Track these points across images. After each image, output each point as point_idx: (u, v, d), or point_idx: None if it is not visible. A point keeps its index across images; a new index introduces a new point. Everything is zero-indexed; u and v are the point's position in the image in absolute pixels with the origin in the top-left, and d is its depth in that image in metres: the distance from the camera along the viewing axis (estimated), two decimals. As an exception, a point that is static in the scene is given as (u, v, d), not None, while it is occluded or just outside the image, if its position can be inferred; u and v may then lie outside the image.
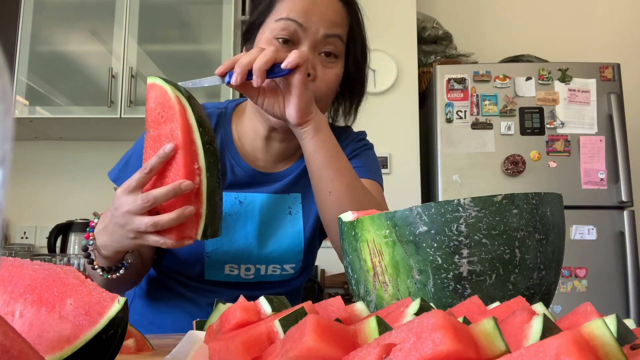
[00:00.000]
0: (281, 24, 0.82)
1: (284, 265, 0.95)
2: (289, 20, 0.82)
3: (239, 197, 0.93)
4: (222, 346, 0.37)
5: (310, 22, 0.82)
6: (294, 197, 0.96)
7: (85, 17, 2.63)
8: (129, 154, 0.95)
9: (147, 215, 0.68)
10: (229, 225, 0.91)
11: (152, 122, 0.71)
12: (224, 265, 0.92)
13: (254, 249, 0.92)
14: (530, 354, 0.25)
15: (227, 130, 0.96)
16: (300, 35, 0.83)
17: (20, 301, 0.39)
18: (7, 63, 0.21)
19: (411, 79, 2.76)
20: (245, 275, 0.93)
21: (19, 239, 2.87)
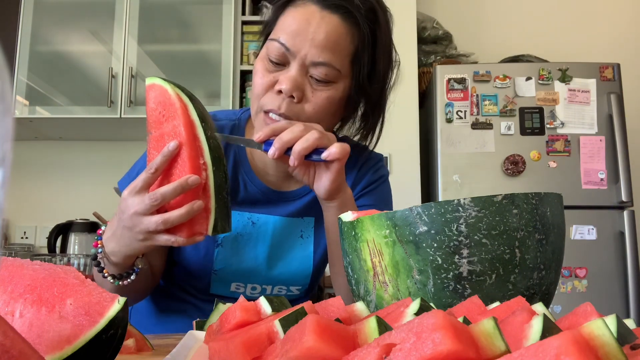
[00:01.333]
0: (274, 45, 0.81)
1: (290, 287, 0.95)
2: (278, 43, 0.80)
3: (252, 217, 0.91)
4: (222, 346, 0.37)
5: (297, 46, 0.79)
6: (307, 221, 0.95)
7: (85, 17, 2.63)
8: (140, 163, 0.93)
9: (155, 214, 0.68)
10: (239, 245, 0.90)
11: (153, 123, 0.71)
12: (231, 283, 0.92)
13: (262, 270, 0.92)
14: (530, 354, 0.25)
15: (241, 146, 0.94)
16: (288, 58, 0.81)
17: (20, 301, 0.39)
18: (7, 63, 0.21)
19: (411, 79, 2.76)
20: (251, 293, 0.93)
21: (19, 239, 2.87)
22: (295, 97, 0.80)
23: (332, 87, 0.83)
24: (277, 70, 0.82)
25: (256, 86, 0.83)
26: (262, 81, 0.82)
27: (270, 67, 0.82)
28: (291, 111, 0.81)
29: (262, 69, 0.83)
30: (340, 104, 0.86)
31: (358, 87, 0.85)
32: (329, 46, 0.80)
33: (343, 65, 0.82)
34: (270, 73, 0.82)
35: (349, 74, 0.84)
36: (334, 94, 0.83)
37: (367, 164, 1.01)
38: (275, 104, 0.81)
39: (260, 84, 0.82)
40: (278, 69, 0.82)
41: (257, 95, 0.83)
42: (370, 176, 1.00)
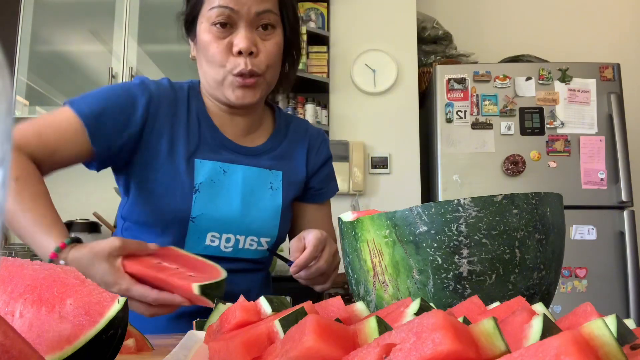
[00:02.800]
0: (215, 12, 0.89)
1: (260, 239, 0.99)
2: (221, 7, 0.88)
3: (222, 166, 0.97)
4: (222, 346, 0.37)
5: (239, 4, 0.88)
6: (276, 174, 1.02)
7: (85, 17, 2.63)
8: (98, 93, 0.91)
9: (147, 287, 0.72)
10: (214, 192, 0.95)
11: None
12: (207, 233, 0.94)
13: (237, 217, 0.96)
14: (530, 354, 0.25)
15: (200, 102, 1.01)
16: (235, 19, 0.89)
17: (20, 301, 0.39)
18: (7, 63, 0.21)
19: (411, 79, 2.76)
20: (225, 247, 0.96)
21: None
22: (253, 52, 0.90)
23: (275, 33, 0.94)
24: (227, 35, 0.90)
25: (215, 55, 0.91)
26: (219, 49, 0.90)
27: (219, 33, 0.90)
28: (254, 65, 0.90)
29: (213, 39, 0.91)
30: (282, 48, 0.96)
31: (290, 28, 0.97)
32: None
33: (277, 11, 0.93)
34: (223, 39, 0.90)
35: (280, 19, 0.95)
36: (279, 39, 0.94)
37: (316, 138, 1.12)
38: (241, 65, 0.90)
39: (218, 52, 0.90)
40: (227, 33, 0.90)
41: (219, 62, 0.91)
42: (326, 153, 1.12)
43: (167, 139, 0.94)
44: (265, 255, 1.03)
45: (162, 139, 0.94)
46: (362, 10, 2.80)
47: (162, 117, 0.94)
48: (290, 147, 1.07)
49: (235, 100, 0.93)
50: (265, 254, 1.02)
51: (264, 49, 0.92)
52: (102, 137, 0.88)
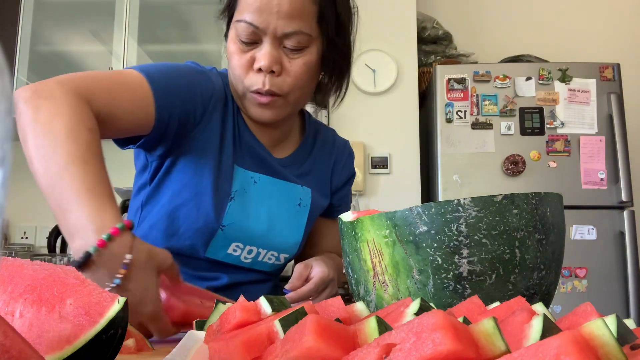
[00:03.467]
0: (240, 27, 0.83)
1: (280, 254, 0.97)
2: (245, 23, 0.83)
3: (253, 177, 0.93)
4: (222, 346, 0.37)
5: (265, 22, 0.81)
6: (306, 191, 0.99)
7: (85, 17, 2.63)
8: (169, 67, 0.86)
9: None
10: (245, 202, 0.91)
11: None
12: (232, 242, 0.91)
13: (263, 230, 0.93)
14: (530, 354, 0.25)
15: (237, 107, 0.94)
16: (259, 36, 0.83)
17: (20, 301, 0.39)
18: (7, 63, 0.21)
19: (411, 79, 2.76)
20: (245, 258, 0.94)
21: (19, 239, 2.86)
22: (275, 71, 0.84)
23: (307, 52, 0.86)
24: (251, 49, 0.84)
25: (236, 68, 0.86)
26: (240, 62, 0.85)
27: (243, 47, 0.85)
28: (274, 85, 0.84)
29: (237, 51, 0.86)
30: (317, 65, 0.89)
31: (329, 44, 0.89)
32: (295, 14, 0.82)
33: (312, 29, 0.85)
34: (246, 53, 0.85)
35: (318, 35, 0.87)
36: (310, 58, 0.86)
37: (340, 148, 1.08)
38: (259, 83, 0.84)
39: (239, 66, 0.85)
40: (251, 47, 0.84)
41: (239, 77, 0.86)
42: (350, 170, 1.09)
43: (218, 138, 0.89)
44: (280, 269, 1.01)
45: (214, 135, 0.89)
46: (362, 10, 2.80)
47: (217, 114, 0.90)
48: (317, 159, 1.04)
49: (255, 117, 0.90)
50: (280, 267, 1.00)
51: (289, 68, 0.85)
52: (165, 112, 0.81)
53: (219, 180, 0.88)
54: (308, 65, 0.86)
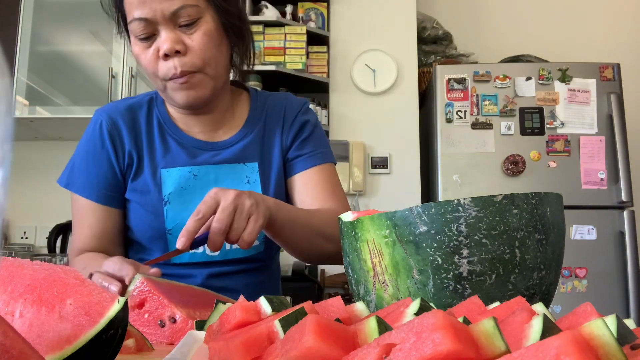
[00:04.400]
0: (134, 25, 0.86)
1: None
2: (136, 20, 0.86)
3: (192, 170, 0.94)
4: (222, 346, 0.37)
5: (151, 11, 0.84)
6: (251, 167, 0.98)
7: (85, 17, 2.63)
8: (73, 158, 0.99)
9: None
10: (186, 200, 0.93)
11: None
12: None
13: None
14: (530, 354, 0.25)
15: (162, 110, 0.99)
16: (153, 26, 0.86)
17: (20, 301, 0.39)
18: (7, 63, 0.21)
19: (411, 79, 2.76)
20: (210, 252, 0.94)
21: (19, 239, 2.86)
22: (180, 51, 0.86)
23: (202, 23, 0.87)
24: (152, 43, 0.87)
25: (147, 66, 0.89)
26: (147, 58, 0.88)
27: (144, 43, 0.88)
28: (185, 65, 0.86)
29: (140, 50, 0.88)
30: (218, 33, 0.90)
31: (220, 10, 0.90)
32: None
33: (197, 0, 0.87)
34: (149, 48, 0.88)
35: (206, 4, 0.89)
36: (207, 27, 0.88)
37: (292, 106, 1.04)
38: (171, 69, 0.86)
39: (147, 62, 0.88)
40: (151, 41, 0.87)
41: (153, 73, 0.89)
42: (301, 117, 1.03)
43: (135, 159, 0.95)
44: (261, 251, 0.97)
45: (130, 160, 0.95)
46: (362, 10, 2.80)
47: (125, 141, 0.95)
48: (267, 129, 1.01)
49: (183, 103, 0.91)
50: (259, 249, 0.97)
51: (191, 43, 0.87)
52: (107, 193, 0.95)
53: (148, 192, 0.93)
54: (208, 35, 0.88)
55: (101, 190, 0.95)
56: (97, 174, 0.95)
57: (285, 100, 1.05)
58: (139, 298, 0.62)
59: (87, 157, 0.96)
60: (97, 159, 0.95)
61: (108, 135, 0.96)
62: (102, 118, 0.97)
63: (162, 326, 0.60)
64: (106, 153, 0.95)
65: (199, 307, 0.66)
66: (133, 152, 0.95)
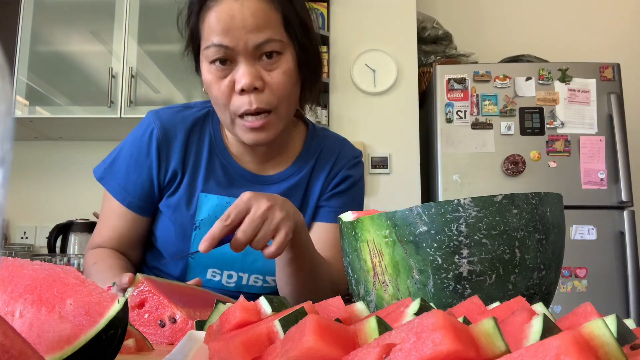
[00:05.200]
0: (211, 51, 0.82)
1: (266, 277, 0.94)
2: (215, 46, 0.81)
3: (230, 201, 0.91)
4: (222, 346, 0.37)
5: (235, 39, 0.81)
6: None
7: (85, 17, 2.63)
8: (116, 153, 0.95)
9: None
10: None
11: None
12: (207, 269, 0.92)
13: (239, 256, 0.91)
14: (530, 354, 0.25)
15: (216, 129, 0.96)
16: (232, 55, 0.82)
17: (20, 301, 0.39)
18: (7, 63, 0.21)
19: (411, 79, 2.76)
20: (227, 282, 0.93)
21: (19, 239, 2.87)
22: (258, 88, 0.82)
23: (283, 60, 0.84)
24: (227, 73, 0.83)
25: (219, 97, 0.84)
26: (221, 89, 0.83)
27: (219, 72, 0.83)
28: (262, 102, 0.83)
29: (214, 79, 0.84)
30: (295, 72, 0.87)
31: (300, 47, 0.87)
32: (261, 24, 0.81)
33: (281, 35, 0.84)
34: (223, 79, 0.83)
35: (288, 41, 0.86)
36: (287, 66, 0.85)
37: (342, 159, 1.01)
38: (245, 104, 0.82)
39: (220, 94, 0.83)
40: (227, 71, 0.83)
41: (224, 105, 0.84)
42: (345, 172, 1.00)
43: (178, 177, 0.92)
44: (275, 290, 0.96)
45: (172, 177, 0.92)
46: (362, 10, 2.80)
47: (172, 155, 0.92)
48: (314, 172, 0.98)
49: (249, 142, 0.87)
50: (274, 289, 0.95)
51: (271, 80, 0.83)
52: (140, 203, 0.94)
53: (181, 211, 0.91)
54: (288, 73, 0.85)
55: (134, 199, 0.92)
56: (135, 182, 0.92)
57: (341, 147, 1.02)
58: (139, 298, 0.62)
59: (129, 161, 0.93)
60: (139, 166, 0.92)
61: (156, 147, 0.92)
62: (155, 126, 0.92)
63: (162, 326, 0.61)
64: (149, 163, 0.92)
65: (199, 307, 0.66)
66: (178, 171, 0.92)
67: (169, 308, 0.61)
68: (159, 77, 2.62)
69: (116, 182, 0.93)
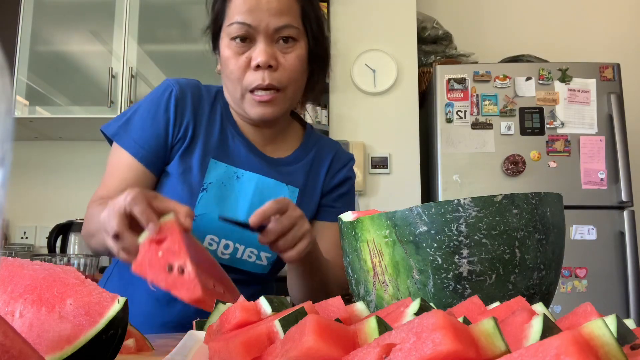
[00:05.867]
0: (234, 28, 0.89)
1: (260, 253, 0.96)
2: (238, 23, 0.89)
3: (237, 172, 0.96)
4: (222, 346, 0.37)
5: (257, 20, 0.88)
6: (292, 190, 1.00)
7: (85, 17, 2.63)
8: (132, 112, 0.97)
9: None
10: (222, 195, 0.94)
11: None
12: (206, 235, 0.93)
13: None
14: (530, 354, 0.25)
15: (226, 106, 1.01)
16: (253, 34, 0.89)
17: (20, 301, 0.39)
18: (7, 63, 0.21)
19: (411, 79, 2.76)
20: (222, 253, 0.94)
21: (19, 239, 2.87)
22: (272, 66, 0.89)
23: (297, 46, 0.92)
24: (246, 50, 0.90)
25: (233, 71, 0.91)
26: (238, 64, 0.90)
27: (238, 49, 0.90)
28: (274, 79, 0.90)
29: (232, 55, 0.91)
30: (306, 60, 0.95)
31: (314, 39, 0.96)
32: (284, 10, 0.90)
33: (299, 24, 0.92)
34: (241, 55, 0.90)
35: (303, 31, 0.94)
36: (301, 52, 0.93)
37: (340, 159, 1.09)
38: (258, 79, 0.89)
39: (237, 68, 0.91)
40: (245, 48, 0.90)
41: (237, 79, 0.91)
42: (345, 174, 1.08)
43: (189, 134, 0.96)
44: (265, 272, 0.99)
45: (184, 133, 0.96)
46: (362, 10, 2.80)
47: (187, 113, 0.96)
48: (313, 166, 1.05)
49: (255, 117, 0.94)
50: (264, 270, 0.99)
51: (284, 62, 0.91)
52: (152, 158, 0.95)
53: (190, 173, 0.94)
54: (300, 59, 0.92)
55: (147, 152, 0.95)
56: (150, 136, 0.95)
57: (336, 148, 1.10)
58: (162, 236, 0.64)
59: (146, 116, 0.96)
60: (156, 121, 0.95)
61: (174, 102, 0.96)
62: (174, 87, 0.98)
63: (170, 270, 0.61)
64: (167, 118, 0.96)
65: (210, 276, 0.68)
66: (190, 127, 0.96)
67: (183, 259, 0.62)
68: (159, 77, 2.62)
69: (130, 137, 0.95)
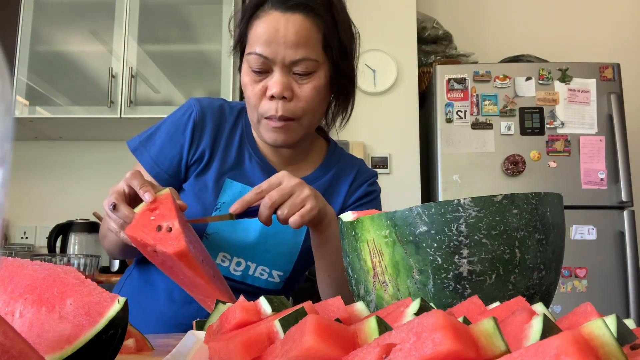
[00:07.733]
0: (252, 59, 0.89)
1: (272, 271, 0.97)
2: (256, 55, 0.89)
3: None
4: (222, 346, 0.37)
5: (274, 53, 0.88)
6: None
7: (85, 17, 2.63)
8: (154, 129, 1.00)
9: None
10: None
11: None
12: (218, 252, 0.95)
13: (251, 244, 0.95)
14: (530, 354, 0.25)
15: (248, 124, 1.02)
16: (269, 65, 0.89)
17: (20, 301, 0.39)
18: (7, 63, 0.21)
19: (411, 79, 2.76)
20: (234, 270, 0.95)
21: (19, 239, 2.87)
22: (286, 97, 0.89)
23: (315, 77, 0.91)
24: (263, 78, 0.90)
25: (250, 98, 0.92)
26: (254, 92, 0.91)
27: (255, 77, 0.90)
28: (287, 110, 0.89)
29: (250, 82, 0.91)
30: (325, 89, 0.94)
31: (335, 68, 0.94)
32: (301, 43, 0.88)
33: (318, 54, 0.90)
34: (258, 83, 0.90)
35: (324, 60, 0.92)
36: (318, 82, 0.91)
37: (362, 175, 1.09)
38: (272, 110, 0.89)
39: (253, 95, 0.91)
40: (263, 77, 0.90)
41: (254, 106, 0.92)
42: (366, 188, 1.08)
43: (206, 158, 0.98)
44: (278, 289, 1.00)
45: (200, 156, 0.98)
46: (362, 10, 2.80)
47: (205, 136, 0.98)
48: (332, 185, 1.04)
49: (270, 142, 0.94)
50: (277, 287, 0.99)
51: (300, 93, 0.90)
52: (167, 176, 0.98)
53: (205, 192, 0.96)
54: (317, 89, 0.91)
55: (162, 172, 0.97)
56: (167, 156, 0.98)
57: (359, 165, 1.11)
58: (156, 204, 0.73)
59: (165, 137, 0.99)
60: (174, 142, 0.98)
61: (192, 125, 0.98)
62: (195, 109, 1.00)
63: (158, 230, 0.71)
64: (183, 140, 0.98)
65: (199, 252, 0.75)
66: (207, 151, 0.98)
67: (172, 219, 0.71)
68: (159, 77, 2.62)
69: (148, 154, 0.98)
